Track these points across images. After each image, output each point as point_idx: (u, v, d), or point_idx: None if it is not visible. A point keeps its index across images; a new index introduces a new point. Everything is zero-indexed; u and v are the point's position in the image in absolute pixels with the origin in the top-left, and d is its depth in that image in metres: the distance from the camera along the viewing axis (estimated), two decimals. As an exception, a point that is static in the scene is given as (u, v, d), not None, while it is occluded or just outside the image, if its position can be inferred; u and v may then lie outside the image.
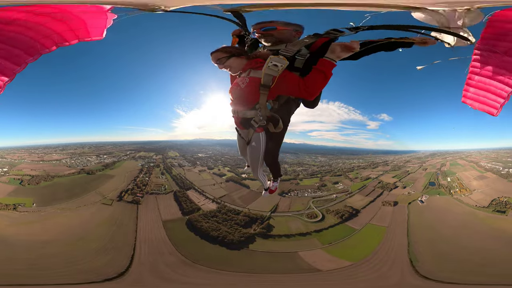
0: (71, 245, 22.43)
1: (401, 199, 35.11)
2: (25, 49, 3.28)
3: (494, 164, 37.69)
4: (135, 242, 23.29)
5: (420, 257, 22.47)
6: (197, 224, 27.82)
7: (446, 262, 21.44)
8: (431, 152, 51.33)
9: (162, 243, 23.72)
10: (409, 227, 27.98)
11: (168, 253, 21.91)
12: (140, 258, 20.12)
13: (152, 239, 24.07)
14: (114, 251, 21.85)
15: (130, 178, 36.76)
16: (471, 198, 31.59)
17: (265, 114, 2.55)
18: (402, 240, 25.68)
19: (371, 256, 23.56)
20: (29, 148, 42.91)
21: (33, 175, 34.90)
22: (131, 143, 49.75)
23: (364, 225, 29.21)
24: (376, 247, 24.85)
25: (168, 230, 26.17)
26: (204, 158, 47.70)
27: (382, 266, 23.02)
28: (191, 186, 36.73)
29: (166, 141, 52.88)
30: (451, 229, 26.46)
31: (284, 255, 23.57)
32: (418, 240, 25.17)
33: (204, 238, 26.19)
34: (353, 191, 38.32)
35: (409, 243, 24.94)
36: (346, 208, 32.31)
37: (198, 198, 34.06)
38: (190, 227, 27.55)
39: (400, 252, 23.67)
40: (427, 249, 23.43)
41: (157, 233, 25.67)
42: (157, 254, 21.42)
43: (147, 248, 21.98)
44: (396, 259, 22.78)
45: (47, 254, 20.63)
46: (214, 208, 32.26)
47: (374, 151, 53.03)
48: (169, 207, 31.53)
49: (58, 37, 3.34)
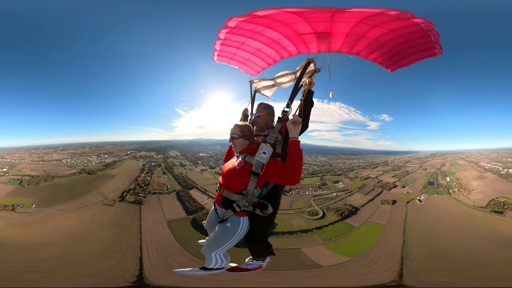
0: (70, 248, 21.55)
1: (399, 198, 35.66)
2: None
3: (494, 164, 37.97)
4: (141, 244, 22.77)
5: (411, 255, 22.81)
6: (202, 223, 27.75)
7: (436, 261, 21.69)
8: (431, 153, 52.47)
9: (169, 243, 23.04)
10: (406, 225, 28.48)
11: (178, 253, 21.46)
12: (150, 260, 19.83)
13: (158, 240, 23.63)
14: (118, 254, 21.31)
15: (132, 177, 36.58)
16: (469, 198, 31.97)
17: (251, 200, 2.64)
18: (398, 238, 26.05)
19: (366, 253, 23.88)
20: (29, 148, 42.50)
21: (33, 175, 34.19)
22: (132, 143, 49.58)
23: (362, 222, 29.81)
24: (372, 244, 25.23)
25: (173, 230, 25.67)
26: (205, 157, 48.08)
27: (375, 262, 23.21)
28: (193, 185, 36.61)
29: (166, 141, 52.89)
30: (447, 229, 26.73)
31: (289, 252, 23.65)
32: (413, 238, 25.52)
33: None
34: (353, 190, 39.03)
35: (404, 241, 25.30)
36: (346, 206, 32.93)
37: (201, 197, 33.93)
38: (195, 227, 27.29)
39: (394, 249, 23.97)
40: (421, 248, 23.74)
41: (163, 233, 25.08)
42: (167, 255, 20.84)
43: (155, 249, 21.53)
44: (388, 257, 23.05)
45: (44, 257, 19.86)
46: (218, 207, 32.31)
47: (375, 151, 53.82)
48: (173, 206, 31.31)
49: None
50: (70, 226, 26.60)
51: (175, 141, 54.76)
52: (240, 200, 2.65)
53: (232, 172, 2.68)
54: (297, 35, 3.34)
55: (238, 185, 2.65)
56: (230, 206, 2.71)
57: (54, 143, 41.50)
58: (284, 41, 3.55)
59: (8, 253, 20.12)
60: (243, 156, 2.72)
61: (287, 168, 2.48)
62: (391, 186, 38.96)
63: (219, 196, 2.82)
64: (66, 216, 28.62)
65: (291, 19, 3.04)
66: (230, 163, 2.83)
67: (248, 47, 3.84)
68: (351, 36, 3.10)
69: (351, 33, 3.05)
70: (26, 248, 20.97)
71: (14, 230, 25.79)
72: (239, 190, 2.66)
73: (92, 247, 22.00)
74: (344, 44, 3.30)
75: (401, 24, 2.73)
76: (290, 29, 3.24)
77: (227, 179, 2.74)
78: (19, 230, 25.87)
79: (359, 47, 3.29)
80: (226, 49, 3.95)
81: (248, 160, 2.62)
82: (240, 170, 2.62)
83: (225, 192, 2.73)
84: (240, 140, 2.73)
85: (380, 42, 3.06)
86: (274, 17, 3.03)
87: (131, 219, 27.90)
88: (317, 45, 3.42)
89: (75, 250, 21.14)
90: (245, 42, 3.74)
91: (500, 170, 35.26)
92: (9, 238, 23.16)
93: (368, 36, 3.04)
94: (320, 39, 3.27)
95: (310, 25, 3.09)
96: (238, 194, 2.66)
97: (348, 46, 3.35)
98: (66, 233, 24.82)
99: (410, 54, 3.05)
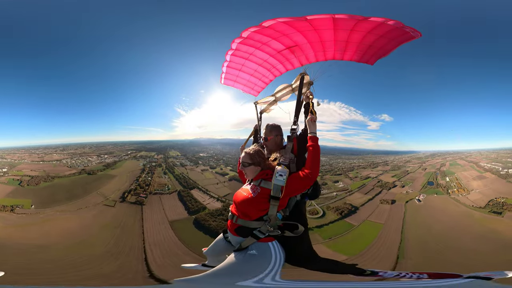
0: (71, 250, 20.87)
1: (399, 197, 36.03)
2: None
3: (493, 164, 37.99)
4: (144, 245, 22.78)
5: (407, 255, 22.99)
6: (205, 223, 27.66)
7: (429, 261, 21.65)
8: (431, 152, 52.66)
9: (173, 244, 23.07)
10: (404, 224, 28.60)
11: (183, 253, 21.42)
12: (156, 260, 19.71)
13: (161, 240, 23.56)
14: (122, 256, 21.18)
15: (132, 178, 36.42)
16: (468, 198, 32.12)
17: (276, 224, 2.60)
18: (396, 236, 26.15)
19: (364, 251, 23.84)
20: (29, 148, 42.10)
21: (32, 176, 33.92)
22: (132, 143, 49.29)
23: (362, 221, 30.00)
24: (371, 242, 25.32)
25: (176, 230, 25.65)
26: (206, 157, 48.11)
27: (372, 260, 23.13)
28: (194, 185, 36.58)
29: (166, 141, 52.62)
30: (445, 229, 26.78)
31: None
32: (410, 238, 25.62)
33: (214, 236, 25.73)
34: (353, 189, 39.33)
35: (402, 240, 25.41)
36: (345, 205, 33.06)
37: (202, 197, 33.94)
38: (198, 227, 27.31)
39: (391, 248, 24.11)
40: (417, 247, 23.89)
41: (166, 234, 25.06)
42: (172, 256, 20.77)
43: (159, 250, 21.46)
44: (385, 255, 23.20)
45: (41, 259, 19.19)
46: (220, 206, 32.17)
47: (375, 151, 53.96)
48: (175, 207, 31.27)
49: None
50: (70, 227, 26.05)
51: (175, 141, 54.59)
52: (262, 226, 2.58)
53: (248, 201, 2.61)
54: (278, 53, 3.46)
55: (257, 212, 2.59)
56: (249, 234, 2.63)
57: (54, 143, 41.17)
58: (271, 60, 3.67)
59: (6, 254, 19.83)
60: (256, 182, 2.67)
61: (305, 169, 2.52)
62: (390, 186, 39.31)
63: (233, 225, 2.72)
64: (67, 217, 28.20)
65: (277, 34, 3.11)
66: (243, 191, 2.75)
67: (247, 69, 3.95)
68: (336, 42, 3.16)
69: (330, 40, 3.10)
70: (25, 249, 20.31)
71: (13, 231, 25.27)
72: (259, 217, 2.60)
73: (94, 248, 21.61)
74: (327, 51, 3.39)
75: (372, 25, 2.80)
76: (277, 45, 3.34)
77: (243, 208, 2.66)
78: (18, 231, 25.40)
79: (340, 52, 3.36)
80: (230, 71, 4.08)
81: (264, 186, 2.58)
82: (257, 197, 2.57)
83: (241, 221, 2.65)
84: (251, 168, 2.70)
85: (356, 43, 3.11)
86: (262, 33, 3.10)
87: (133, 220, 27.74)
88: (296, 60, 3.57)
89: (76, 252, 20.54)
90: (244, 64, 3.85)
91: (500, 170, 35.32)
92: (8, 239, 22.78)
93: (347, 40, 3.10)
94: (292, 52, 3.39)
95: (279, 41, 3.22)
96: (258, 221, 2.60)
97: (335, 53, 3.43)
98: (67, 234, 24.24)
99: (386, 44, 3.07)
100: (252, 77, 4.12)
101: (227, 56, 3.72)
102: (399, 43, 2.94)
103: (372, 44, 3.01)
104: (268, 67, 3.82)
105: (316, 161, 2.54)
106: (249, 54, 3.59)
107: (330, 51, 3.26)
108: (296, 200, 2.93)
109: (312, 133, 2.70)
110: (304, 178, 2.51)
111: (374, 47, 3.06)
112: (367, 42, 3.00)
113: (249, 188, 2.71)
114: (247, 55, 3.61)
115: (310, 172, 2.51)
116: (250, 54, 3.59)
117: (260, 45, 3.35)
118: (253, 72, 4.00)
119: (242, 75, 4.11)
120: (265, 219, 2.58)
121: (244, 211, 2.65)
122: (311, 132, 2.71)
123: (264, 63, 3.75)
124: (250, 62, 3.76)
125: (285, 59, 3.61)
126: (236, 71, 4.03)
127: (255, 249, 2.63)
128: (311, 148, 2.61)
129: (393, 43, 2.95)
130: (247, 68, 3.91)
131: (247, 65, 3.86)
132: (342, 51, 3.22)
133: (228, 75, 4.13)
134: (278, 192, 2.49)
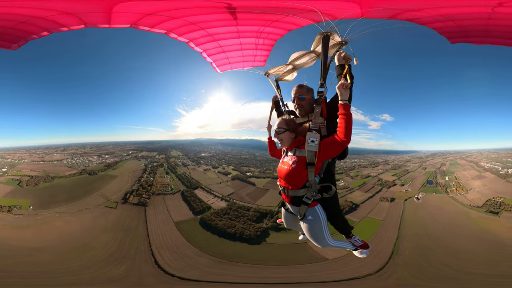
0: (66, 254, 20.58)
1: (398, 196, 36.74)
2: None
3: (493, 164, 38.43)
4: (151, 248, 22.14)
5: (401, 251, 23.68)
6: (211, 223, 27.54)
7: (421, 258, 22.46)
8: (432, 152, 53.88)
9: (181, 245, 22.51)
10: (402, 221, 29.41)
11: (195, 255, 20.97)
12: (167, 263, 19.45)
13: (169, 242, 23.19)
14: (128, 259, 20.26)
15: (134, 178, 36.01)
16: (466, 197, 32.71)
17: (316, 188, 2.71)
18: (393, 233, 26.96)
19: None
20: (29, 148, 41.21)
21: (32, 176, 33.04)
22: (133, 143, 48.58)
23: (362, 218, 30.85)
24: (369, 238, 25.72)
25: (183, 231, 25.24)
26: (208, 157, 48.41)
27: (367, 257, 25.61)
28: (198, 185, 36.30)
29: (167, 141, 52.04)
30: (440, 227, 27.47)
31: (297, 246, 23.88)
32: (407, 234, 26.41)
33: (222, 236, 25.84)
34: (354, 187, 40.01)
35: (398, 236, 26.18)
36: (346, 203, 33.71)
37: (206, 197, 33.70)
38: (205, 227, 26.93)
39: (387, 244, 24.79)
40: (411, 244, 24.60)
41: (172, 235, 24.45)
42: (185, 258, 20.31)
43: (168, 253, 21.15)
44: (381, 251, 23.79)
45: (33, 263, 18.91)
46: (224, 205, 32.10)
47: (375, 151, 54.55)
48: (179, 207, 30.87)
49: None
50: (70, 230, 25.62)
51: (177, 141, 54.08)
52: (307, 193, 2.72)
53: (292, 172, 2.72)
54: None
55: (301, 180, 2.71)
56: (301, 202, 2.78)
57: (55, 143, 40.40)
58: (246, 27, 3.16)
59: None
60: (292, 152, 2.77)
61: (338, 134, 2.53)
62: (390, 185, 40.06)
63: (287, 197, 2.86)
64: (66, 219, 27.71)
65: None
66: (284, 165, 2.83)
67: (228, 47, 3.58)
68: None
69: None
70: (17, 251, 20.32)
71: (7, 232, 24.73)
72: (303, 184, 2.73)
73: (97, 252, 21.34)
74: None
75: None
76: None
77: (290, 180, 2.76)
78: (13, 232, 24.76)
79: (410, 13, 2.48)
80: (217, 57, 3.74)
81: (299, 154, 2.67)
82: (297, 167, 2.67)
83: (291, 191, 2.78)
84: (287, 134, 2.77)
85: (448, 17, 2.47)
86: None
87: (136, 222, 27.21)
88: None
89: (74, 256, 20.45)
90: (221, 45, 3.50)
91: (500, 170, 35.81)
92: (0, 240, 22.24)
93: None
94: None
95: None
96: (303, 188, 2.73)
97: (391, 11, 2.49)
98: (65, 237, 23.87)
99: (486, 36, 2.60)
100: (244, 51, 3.77)
101: (197, 48, 3.35)
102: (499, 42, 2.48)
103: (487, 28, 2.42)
104: (250, 34, 3.37)
105: (349, 128, 2.54)
106: (212, 35, 3.23)
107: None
108: (328, 161, 2.96)
109: (344, 101, 2.60)
110: (337, 144, 2.53)
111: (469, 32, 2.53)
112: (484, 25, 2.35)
113: (288, 160, 2.79)
114: (211, 37, 3.28)
115: (343, 139, 2.51)
116: (214, 34, 3.23)
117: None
118: (240, 47, 3.65)
119: (231, 55, 3.78)
120: (307, 185, 2.70)
121: (291, 182, 2.76)
122: (342, 99, 2.60)
123: (241, 33, 3.36)
124: (223, 40, 3.39)
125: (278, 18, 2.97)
126: (222, 54, 3.70)
127: (310, 215, 2.82)
128: (344, 116, 2.58)
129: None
130: (228, 46, 3.53)
131: (225, 44, 3.46)
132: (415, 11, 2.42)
133: (217, 62, 3.81)
134: (312, 158, 2.58)
